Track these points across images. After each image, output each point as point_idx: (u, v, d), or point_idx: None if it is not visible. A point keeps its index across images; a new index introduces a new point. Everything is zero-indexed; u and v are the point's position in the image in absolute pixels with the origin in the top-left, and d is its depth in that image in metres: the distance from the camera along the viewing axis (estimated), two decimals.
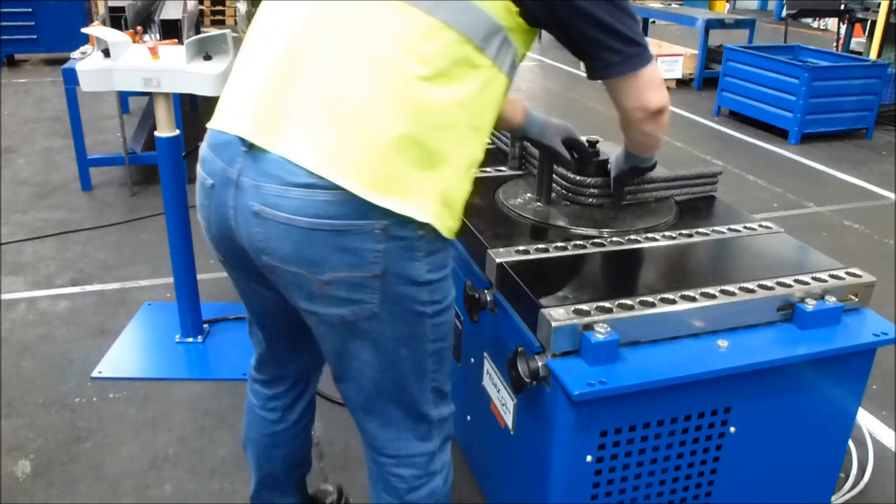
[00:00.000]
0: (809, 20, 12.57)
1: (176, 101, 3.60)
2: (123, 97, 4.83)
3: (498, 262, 1.55)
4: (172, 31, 4.33)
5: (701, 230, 1.75)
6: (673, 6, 10.60)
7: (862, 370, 1.53)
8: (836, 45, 7.32)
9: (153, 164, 3.72)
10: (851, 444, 2.13)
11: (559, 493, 1.39)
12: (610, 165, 1.78)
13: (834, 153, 5.36)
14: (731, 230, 1.76)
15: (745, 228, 1.78)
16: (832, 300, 1.49)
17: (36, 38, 7.12)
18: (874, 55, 6.47)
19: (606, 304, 1.38)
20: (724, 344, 1.40)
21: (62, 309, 2.91)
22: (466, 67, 1.12)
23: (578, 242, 1.64)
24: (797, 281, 1.51)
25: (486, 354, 1.68)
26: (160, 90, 2.21)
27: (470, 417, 1.89)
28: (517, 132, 1.72)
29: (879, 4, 6.53)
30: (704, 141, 5.58)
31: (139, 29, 3.01)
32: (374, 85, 1.08)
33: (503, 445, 1.66)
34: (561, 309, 1.35)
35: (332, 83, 1.09)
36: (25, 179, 4.31)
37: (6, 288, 3.06)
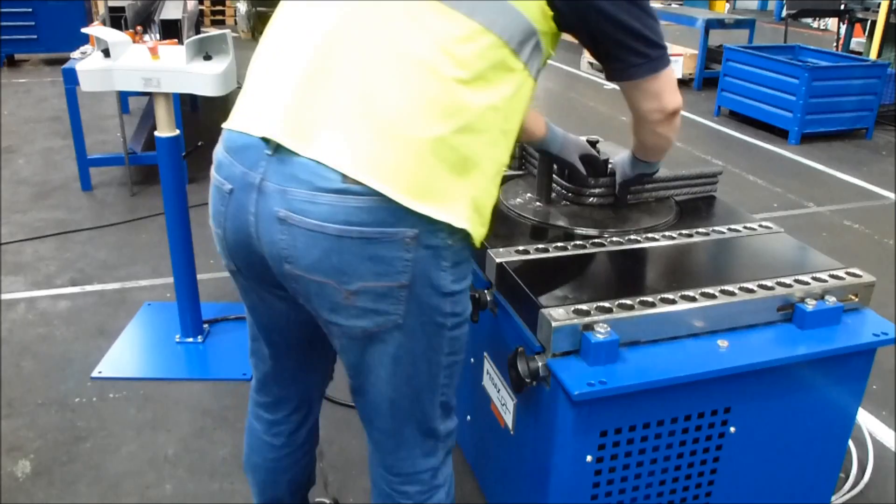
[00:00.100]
0: (809, 20, 12.56)
1: (176, 101, 3.61)
2: (123, 97, 4.83)
3: (498, 261, 1.55)
4: (172, 31, 4.33)
5: (701, 230, 1.75)
6: (673, 6, 10.59)
7: (862, 370, 1.53)
8: (836, 45, 7.32)
9: (153, 164, 3.72)
10: (851, 444, 2.13)
11: (559, 493, 1.39)
12: (611, 165, 1.78)
13: (834, 153, 5.36)
14: (731, 230, 1.76)
15: (745, 228, 1.78)
16: (832, 300, 1.49)
17: (36, 38, 7.11)
18: (874, 55, 6.47)
19: (606, 304, 1.38)
20: (724, 344, 1.40)
21: (62, 309, 2.91)
22: (502, 71, 1.11)
23: (578, 242, 1.64)
24: (797, 281, 1.51)
25: (486, 354, 1.68)
26: (160, 90, 2.20)
27: (470, 417, 1.89)
28: (538, 145, 1.72)
29: (879, 4, 6.53)
30: (704, 141, 5.58)
31: (139, 29, 3.01)
32: (411, 87, 1.05)
33: (503, 445, 1.66)
34: (561, 309, 1.35)
35: (367, 85, 1.06)
36: (25, 179, 4.31)
37: (6, 288, 3.06)
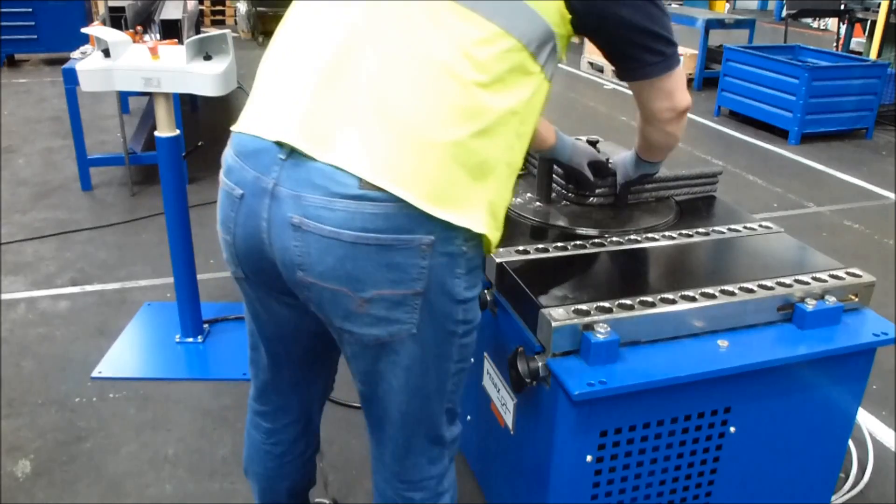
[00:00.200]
0: (809, 20, 12.56)
1: (176, 101, 3.60)
2: (123, 97, 4.82)
3: (497, 261, 1.55)
4: (172, 31, 4.33)
5: (701, 230, 1.75)
6: (673, 6, 10.59)
7: (862, 370, 1.53)
8: (836, 45, 7.32)
9: (153, 164, 3.72)
10: (851, 444, 2.13)
11: (559, 493, 1.39)
12: (611, 165, 1.78)
13: (834, 153, 5.36)
14: (731, 230, 1.76)
15: (745, 228, 1.78)
16: (832, 300, 1.49)
17: (36, 38, 7.11)
18: (874, 55, 6.47)
19: (606, 303, 1.37)
20: (724, 344, 1.40)
21: (62, 309, 2.91)
22: (520, 74, 1.10)
23: (578, 242, 1.64)
24: (797, 281, 1.51)
25: (486, 354, 1.68)
26: (160, 90, 2.20)
27: (470, 417, 1.89)
28: (547, 154, 1.72)
29: (879, 4, 6.53)
30: (704, 141, 5.58)
31: (139, 29, 3.01)
32: (430, 91, 1.04)
33: (503, 445, 1.66)
34: (561, 309, 1.35)
35: (385, 89, 1.04)
36: (25, 179, 4.31)
37: (6, 288, 3.06)
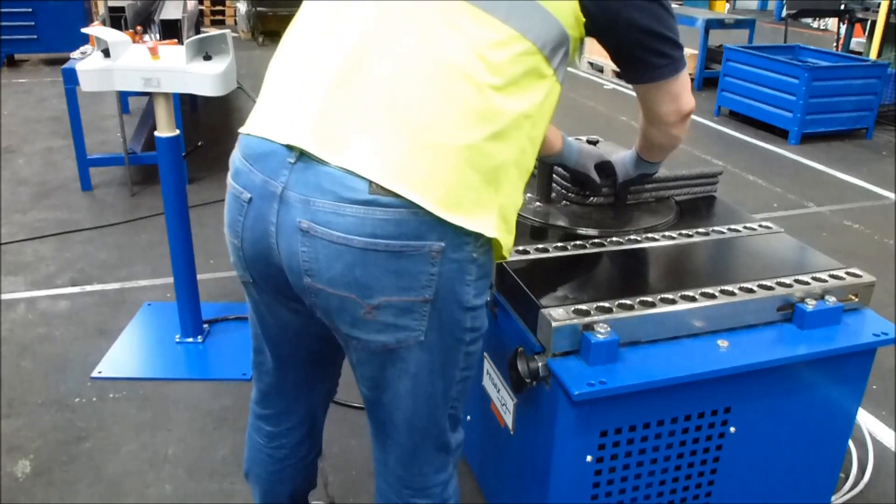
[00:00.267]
0: (809, 20, 12.56)
1: (176, 101, 3.61)
2: (123, 97, 4.83)
3: (497, 262, 1.54)
4: (172, 31, 4.34)
5: (701, 230, 1.75)
6: (673, 6, 10.57)
7: (862, 370, 1.53)
8: (836, 45, 7.32)
9: (153, 164, 3.72)
10: (851, 444, 2.13)
11: (559, 493, 1.39)
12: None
13: (834, 153, 5.36)
14: (731, 230, 1.76)
15: (745, 228, 1.78)
16: (832, 300, 1.49)
17: (36, 38, 7.11)
18: (874, 55, 6.47)
19: (606, 303, 1.37)
20: (724, 344, 1.40)
21: (62, 309, 2.91)
22: (534, 78, 1.09)
23: (578, 242, 1.64)
24: (797, 281, 1.51)
25: (485, 354, 1.68)
26: (160, 90, 2.20)
27: (470, 417, 1.89)
28: (555, 159, 1.71)
29: (879, 4, 6.53)
30: (704, 141, 5.58)
31: (139, 29, 3.01)
32: (444, 93, 1.03)
33: (503, 445, 1.66)
34: (561, 309, 1.35)
35: (399, 91, 1.03)
36: (25, 179, 4.31)
37: (6, 288, 3.06)
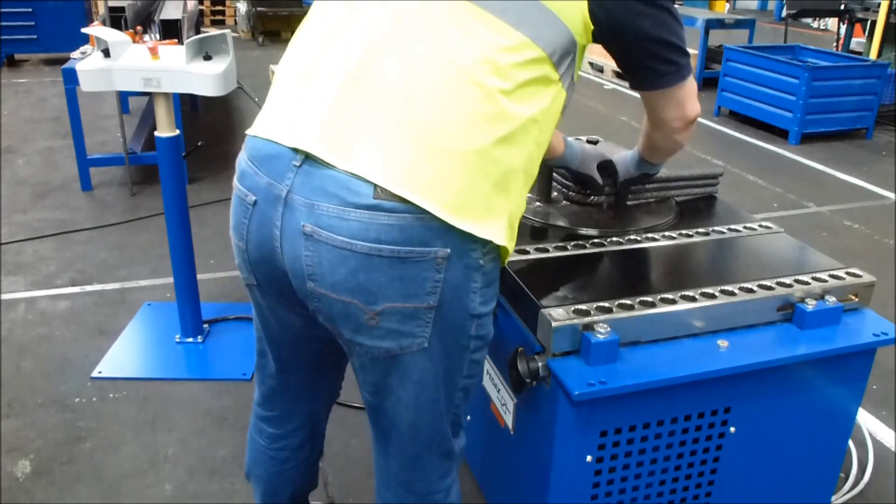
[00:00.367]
0: (809, 20, 12.56)
1: (176, 101, 3.61)
2: (123, 97, 4.83)
3: None
4: (172, 31, 4.34)
5: (701, 230, 1.75)
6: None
7: (862, 370, 1.53)
8: (836, 45, 7.32)
9: (153, 164, 3.73)
10: (851, 444, 2.13)
11: (559, 493, 1.39)
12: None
13: (834, 153, 5.36)
14: (731, 230, 1.76)
15: (745, 228, 1.78)
16: (832, 300, 1.49)
17: (36, 38, 7.11)
18: (874, 55, 6.47)
19: (606, 303, 1.37)
20: (724, 344, 1.40)
21: (62, 309, 2.91)
22: (541, 84, 1.09)
23: (578, 242, 1.64)
24: (797, 281, 1.51)
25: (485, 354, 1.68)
26: (160, 90, 2.20)
27: (470, 417, 1.89)
28: (558, 162, 1.70)
29: (879, 4, 6.53)
30: (704, 141, 5.58)
31: (139, 29, 3.01)
32: (454, 98, 1.02)
33: (503, 445, 1.66)
34: (561, 309, 1.35)
35: (408, 95, 1.03)
36: (25, 179, 4.31)
37: (6, 288, 3.06)
